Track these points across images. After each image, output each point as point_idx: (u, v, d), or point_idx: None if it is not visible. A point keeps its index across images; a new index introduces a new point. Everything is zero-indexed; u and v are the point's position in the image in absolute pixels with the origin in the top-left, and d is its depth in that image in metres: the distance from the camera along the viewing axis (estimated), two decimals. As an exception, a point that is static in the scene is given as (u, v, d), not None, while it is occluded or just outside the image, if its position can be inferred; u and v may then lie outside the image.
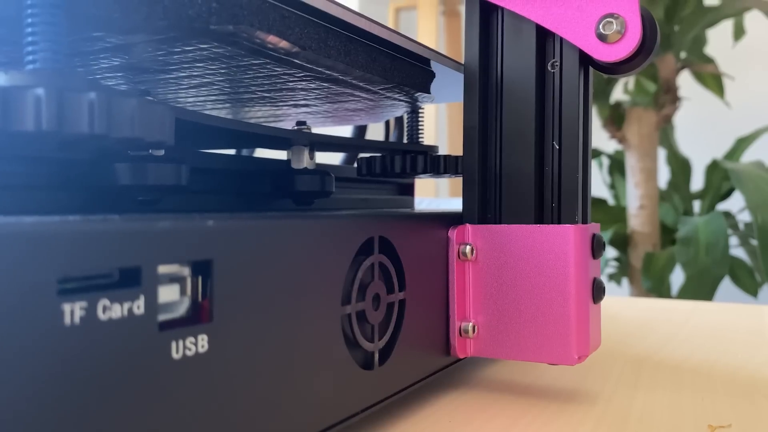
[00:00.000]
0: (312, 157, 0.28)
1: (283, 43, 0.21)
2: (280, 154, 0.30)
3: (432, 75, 0.30)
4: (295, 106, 0.31)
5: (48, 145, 0.16)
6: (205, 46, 0.21)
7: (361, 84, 0.27)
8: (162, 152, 0.20)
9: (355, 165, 0.32)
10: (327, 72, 0.24)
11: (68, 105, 0.15)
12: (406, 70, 0.28)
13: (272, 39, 0.21)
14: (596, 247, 0.27)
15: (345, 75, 0.25)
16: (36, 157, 0.19)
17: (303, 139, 0.27)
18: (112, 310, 0.14)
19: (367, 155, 0.32)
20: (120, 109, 0.16)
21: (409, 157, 0.30)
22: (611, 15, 0.25)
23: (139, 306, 0.14)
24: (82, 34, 0.19)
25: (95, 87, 0.15)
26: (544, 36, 0.27)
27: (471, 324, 0.27)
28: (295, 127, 0.27)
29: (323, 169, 0.28)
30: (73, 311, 0.13)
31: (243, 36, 0.20)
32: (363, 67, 0.25)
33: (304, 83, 0.26)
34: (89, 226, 0.14)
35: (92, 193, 0.20)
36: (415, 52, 0.27)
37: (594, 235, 0.27)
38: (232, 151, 0.37)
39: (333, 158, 0.40)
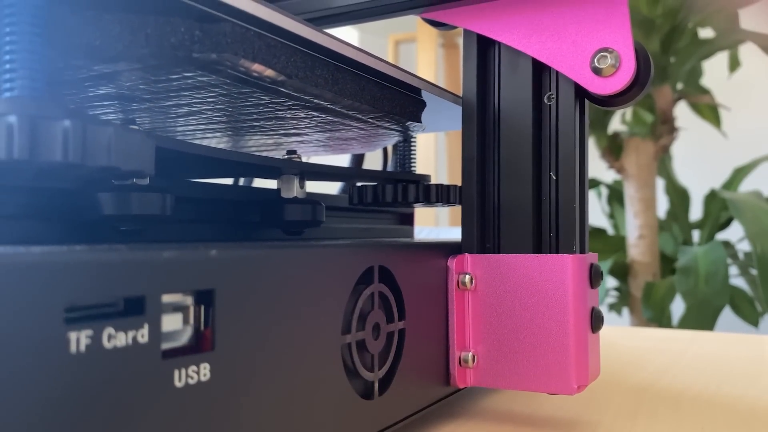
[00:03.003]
0: (302, 186, 0.27)
1: (269, 72, 0.21)
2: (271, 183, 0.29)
3: (422, 104, 0.30)
4: (287, 135, 0.31)
5: (23, 174, 0.15)
6: (190, 74, 0.20)
7: (350, 113, 0.26)
8: (146, 181, 0.20)
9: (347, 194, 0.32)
10: (315, 101, 0.24)
11: (41, 133, 0.14)
12: (395, 98, 0.28)
13: (257, 67, 0.20)
14: (594, 277, 0.27)
15: (333, 104, 0.25)
16: (15, 186, 0.18)
17: (293, 168, 0.26)
18: (116, 339, 0.14)
19: (360, 184, 0.32)
20: (96, 137, 0.15)
21: (401, 186, 0.30)
22: (605, 49, 0.26)
23: (143, 335, 0.15)
24: (63, 62, 0.19)
25: (73, 115, 0.15)
26: (540, 69, 0.28)
27: (471, 354, 0.27)
28: (286, 156, 0.27)
29: (314, 199, 0.28)
30: (79, 339, 0.13)
31: (227, 64, 0.20)
32: (351, 96, 0.25)
33: (293, 112, 0.26)
34: (95, 255, 0.14)
35: (74, 223, 0.20)
36: (404, 81, 0.27)
37: (592, 265, 0.27)
38: (229, 181, 0.36)
39: (332, 187, 0.40)
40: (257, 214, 0.27)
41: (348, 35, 1.52)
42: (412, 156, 0.35)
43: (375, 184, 0.31)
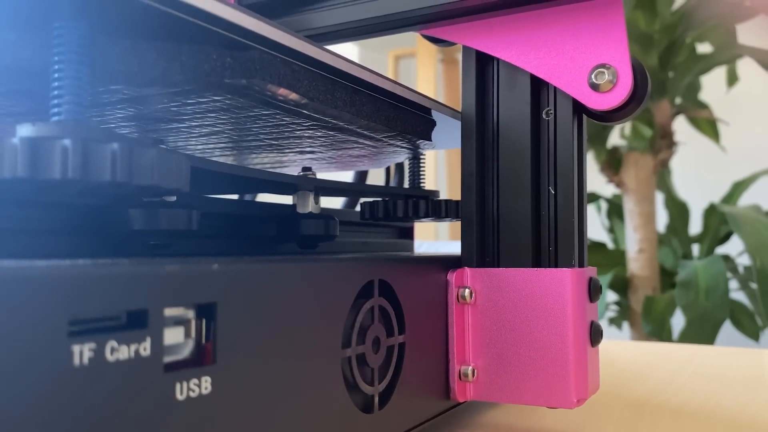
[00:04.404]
0: (317, 202, 0.28)
1: (293, 95, 0.22)
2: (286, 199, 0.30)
3: (433, 123, 0.31)
4: (301, 152, 0.32)
5: (70, 192, 0.16)
6: (218, 97, 0.21)
7: (365, 132, 0.28)
8: (174, 198, 0.21)
9: (358, 209, 0.33)
10: (333, 121, 0.25)
11: (93, 155, 0.15)
12: (408, 118, 0.29)
13: (283, 91, 0.22)
14: (593, 291, 0.27)
15: (350, 124, 0.26)
16: (54, 203, 0.19)
17: (308, 185, 0.27)
18: (119, 352, 0.14)
19: (370, 200, 0.33)
20: (140, 158, 0.16)
21: (411, 202, 0.31)
22: (603, 65, 0.26)
23: (145, 348, 0.15)
24: (102, 86, 0.20)
25: (115, 137, 0.16)
26: (538, 85, 0.28)
27: (470, 367, 0.27)
28: (301, 173, 0.28)
29: (328, 214, 0.28)
30: (82, 352, 0.13)
31: (255, 89, 0.21)
32: (367, 117, 0.26)
33: (310, 131, 0.27)
34: (98, 269, 0.14)
35: (107, 237, 0.21)
36: (417, 102, 0.28)
37: (591, 279, 0.27)
38: (234, 196, 0.37)
39: (334, 202, 0.41)
40: (274, 229, 0.28)
41: (348, 51, 1.53)
42: (421, 172, 0.36)
43: (386, 199, 0.32)
